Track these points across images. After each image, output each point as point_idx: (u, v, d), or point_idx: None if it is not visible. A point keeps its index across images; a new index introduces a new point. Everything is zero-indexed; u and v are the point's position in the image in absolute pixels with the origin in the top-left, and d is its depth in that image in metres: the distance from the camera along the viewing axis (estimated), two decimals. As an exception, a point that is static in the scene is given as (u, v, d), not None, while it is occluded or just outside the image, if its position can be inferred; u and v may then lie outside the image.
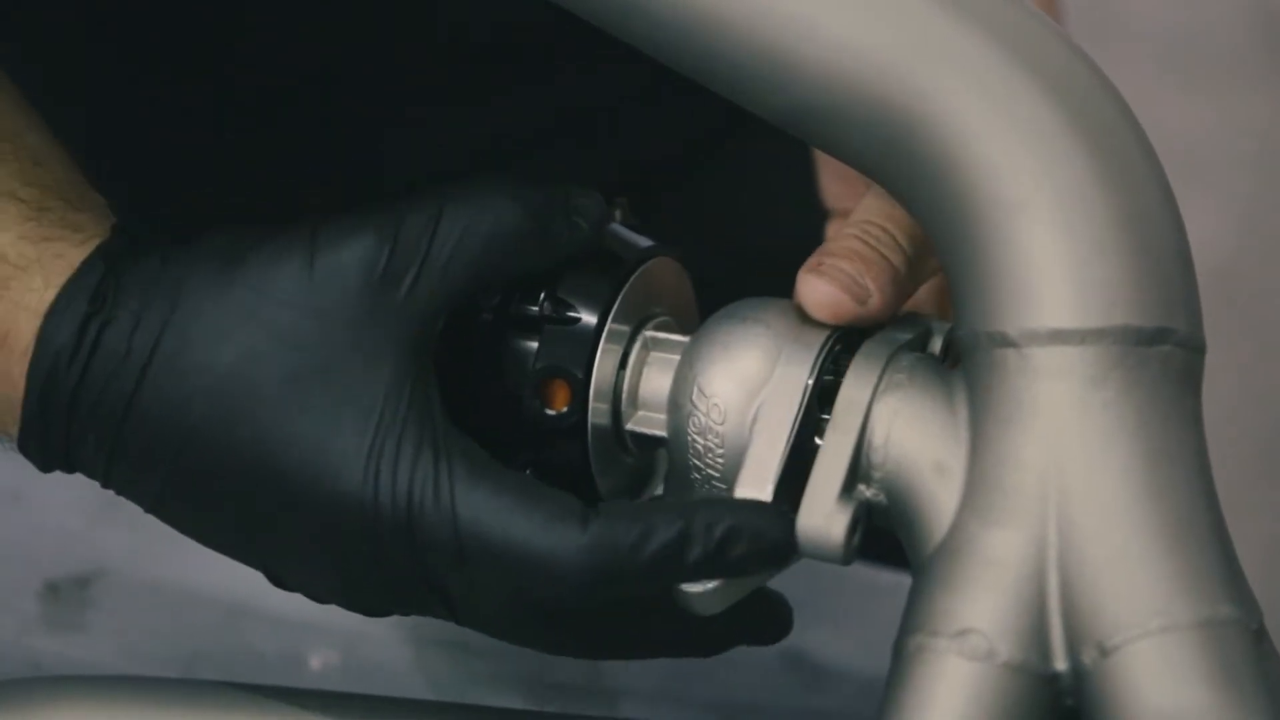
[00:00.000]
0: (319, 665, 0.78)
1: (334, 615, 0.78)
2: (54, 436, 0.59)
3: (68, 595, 0.80)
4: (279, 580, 0.61)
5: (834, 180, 0.73)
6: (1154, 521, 0.53)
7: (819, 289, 0.59)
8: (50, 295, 0.59)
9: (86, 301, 0.59)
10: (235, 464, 0.58)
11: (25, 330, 0.59)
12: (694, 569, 0.58)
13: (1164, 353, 0.54)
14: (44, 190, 0.61)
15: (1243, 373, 1.88)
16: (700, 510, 0.57)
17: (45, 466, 0.61)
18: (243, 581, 0.79)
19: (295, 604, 0.78)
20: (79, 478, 0.63)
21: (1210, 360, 0.56)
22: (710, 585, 0.59)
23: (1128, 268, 0.54)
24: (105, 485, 0.61)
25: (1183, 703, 0.52)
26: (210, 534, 0.60)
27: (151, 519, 0.76)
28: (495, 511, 0.57)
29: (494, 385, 0.60)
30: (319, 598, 0.61)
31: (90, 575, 0.81)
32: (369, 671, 0.78)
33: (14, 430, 0.60)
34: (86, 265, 0.59)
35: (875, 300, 0.59)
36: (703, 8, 0.56)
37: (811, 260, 0.59)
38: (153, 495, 0.60)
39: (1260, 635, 0.53)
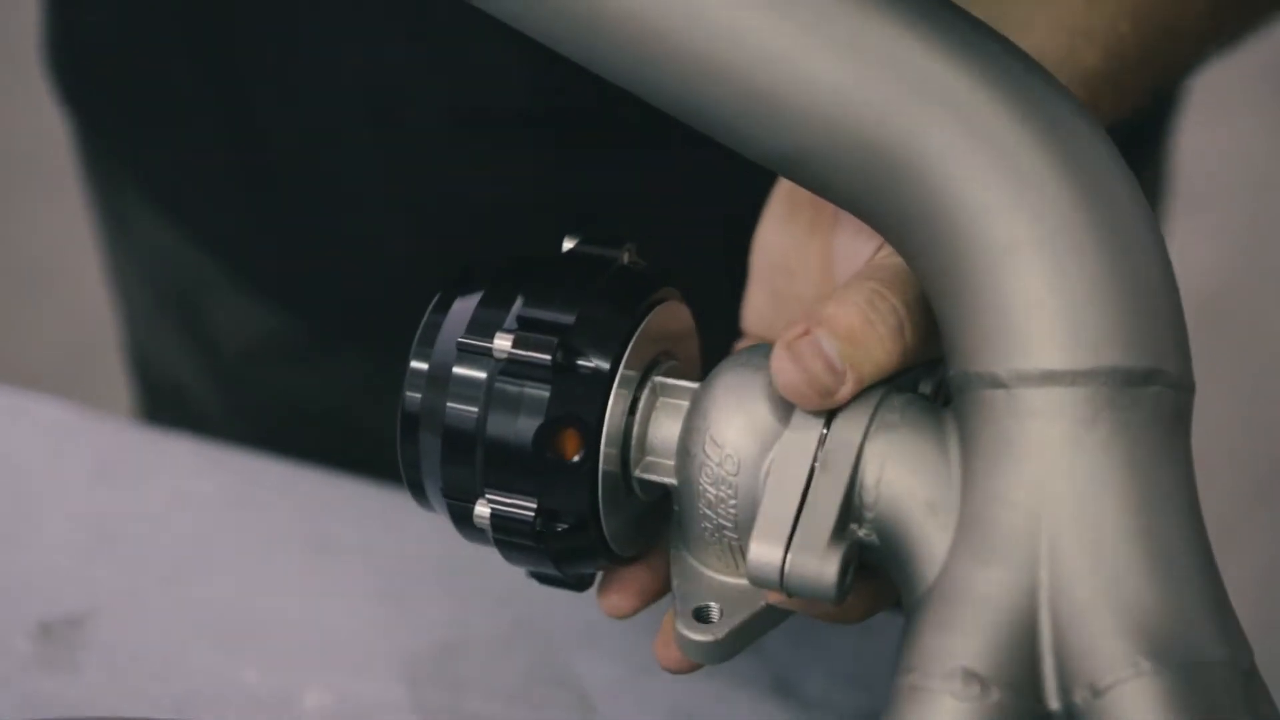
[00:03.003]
0: (313, 704, 0.78)
1: (328, 654, 0.78)
2: None
3: (60, 635, 0.80)
4: None
5: (762, 300, 0.69)
6: (1144, 562, 0.53)
7: (786, 372, 0.57)
8: None
9: None
10: None
11: None
12: None
13: (1154, 394, 0.54)
14: None
15: (1235, 399, 1.88)
16: None
17: None
18: (238, 620, 0.79)
19: (290, 643, 0.78)
20: (72, 517, 0.61)
21: (1202, 388, 0.56)
22: (713, 637, 0.60)
23: (1118, 309, 0.54)
24: None
25: (1175, 744, 0.52)
26: None
27: (145, 559, 0.76)
28: None
29: (505, 429, 0.60)
30: None
31: (83, 615, 0.81)
32: (363, 711, 0.77)
33: None
34: None
35: (846, 391, 0.57)
36: (694, 52, 0.56)
37: (797, 327, 0.58)
38: None
39: (1251, 676, 0.53)
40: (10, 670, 0.79)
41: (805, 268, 0.66)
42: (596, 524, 0.61)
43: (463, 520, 0.62)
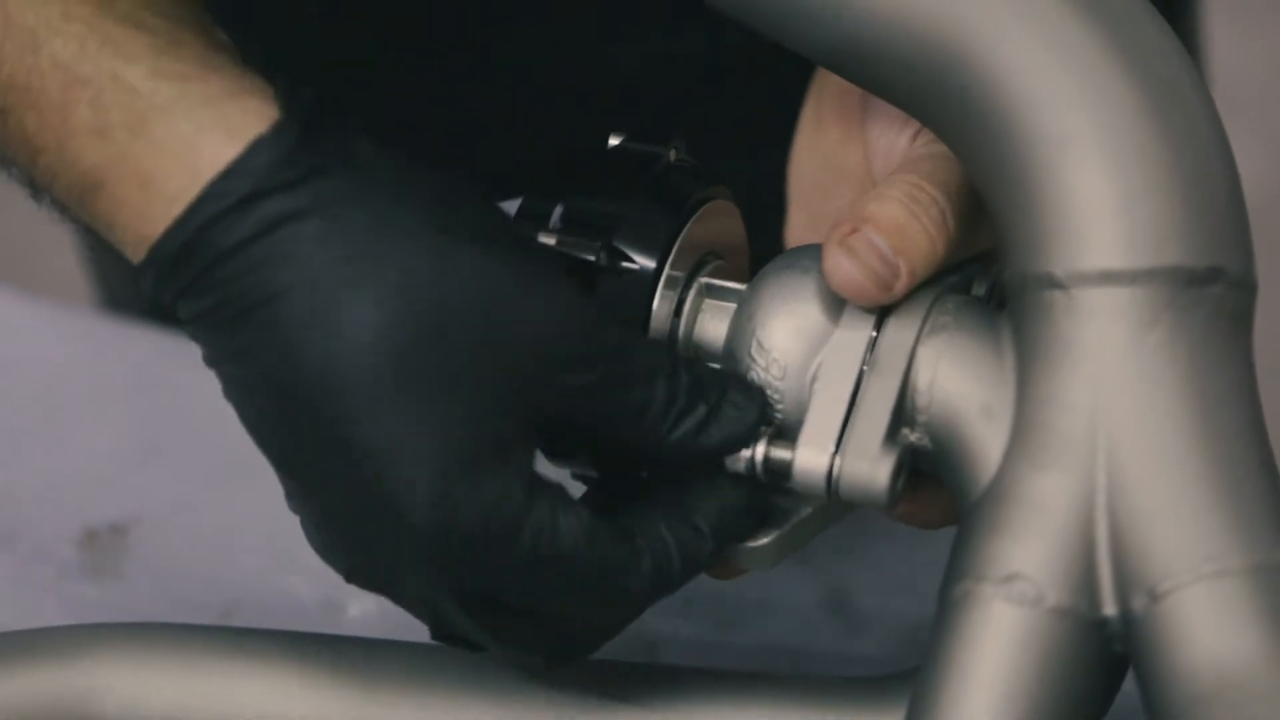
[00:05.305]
0: (358, 613, 0.78)
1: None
2: (166, 291, 0.56)
3: (106, 542, 0.80)
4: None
5: (802, 222, 0.68)
6: (1205, 465, 0.52)
7: (843, 268, 0.57)
8: (205, 144, 0.54)
9: (259, 177, 0.54)
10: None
11: (173, 175, 0.54)
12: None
13: (1216, 293, 0.53)
14: (174, 21, 0.56)
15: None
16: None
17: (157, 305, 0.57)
18: (282, 529, 0.79)
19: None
20: (117, 425, 0.62)
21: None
22: (764, 540, 0.59)
23: (1179, 206, 0.53)
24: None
25: (1235, 648, 0.51)
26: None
27: (190, 467, 0.76)
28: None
29: None
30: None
31: (128, 522, 0.81)
32: (407, 620, 0.77)
33: (130, 255, 0.56)
34: (275, 132, 0.54)
35: (902, 284, 0.57)
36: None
37: (844, 225, 0.57)
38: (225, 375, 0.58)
39: (1315, 579, 0.53)
40: (55, 577, 0.79)
41: (842, 181, 0.65)
42: None
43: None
